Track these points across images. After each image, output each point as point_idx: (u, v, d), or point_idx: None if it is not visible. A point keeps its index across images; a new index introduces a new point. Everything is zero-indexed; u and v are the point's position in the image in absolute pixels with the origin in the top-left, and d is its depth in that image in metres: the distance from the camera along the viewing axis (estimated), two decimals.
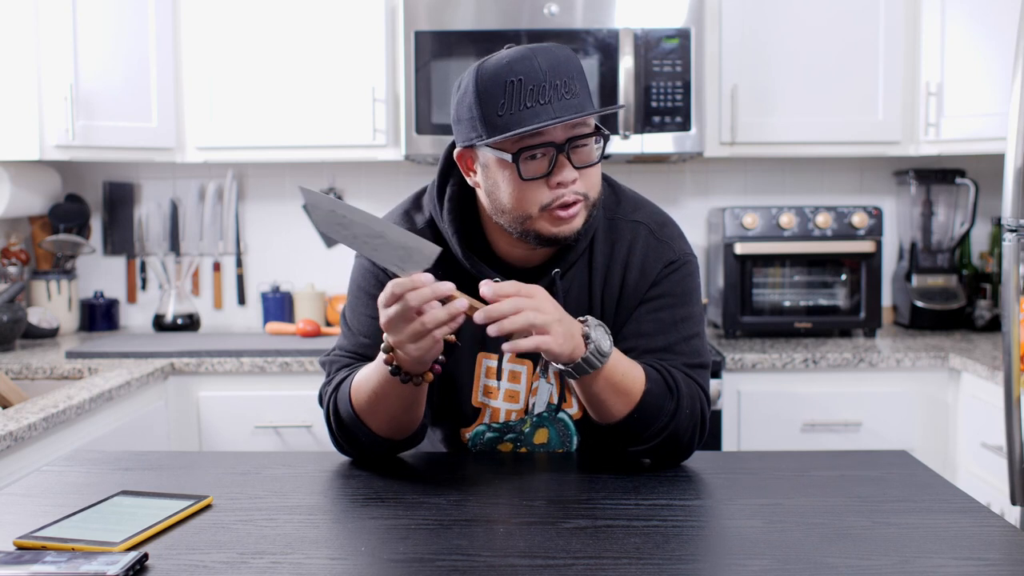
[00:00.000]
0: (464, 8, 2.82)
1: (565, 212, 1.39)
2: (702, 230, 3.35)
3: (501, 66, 1.35)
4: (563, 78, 1.35)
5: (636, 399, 1.40)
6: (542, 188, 1.38)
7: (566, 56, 1.38)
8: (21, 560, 1.06)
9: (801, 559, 1.10)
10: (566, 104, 1.34)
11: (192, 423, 2.73)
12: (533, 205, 1.39)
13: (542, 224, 1.40)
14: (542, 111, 1.33)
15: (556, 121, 1.33)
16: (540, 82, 1.34)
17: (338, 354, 1.55)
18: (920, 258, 3.19)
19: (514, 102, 1.34)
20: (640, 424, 1.42)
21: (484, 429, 1.56)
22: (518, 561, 1.09)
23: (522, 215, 1.40)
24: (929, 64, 2.95)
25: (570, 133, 1.37)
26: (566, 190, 1.38)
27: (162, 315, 3.24)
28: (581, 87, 1.38)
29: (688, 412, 1.44)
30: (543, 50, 1.37)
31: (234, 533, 1.19)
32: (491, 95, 1.35)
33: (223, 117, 2.98)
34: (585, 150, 1.39)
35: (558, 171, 1.37)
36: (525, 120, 1.33)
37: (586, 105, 1.37)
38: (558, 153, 1.36)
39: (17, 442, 1.91)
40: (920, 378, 2.74)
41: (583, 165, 1.39)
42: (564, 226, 1.40)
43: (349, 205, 1.29)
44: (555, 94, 1.34)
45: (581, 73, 1.39)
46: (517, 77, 1.34)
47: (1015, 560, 1.11)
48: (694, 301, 1.54)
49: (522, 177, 1.37)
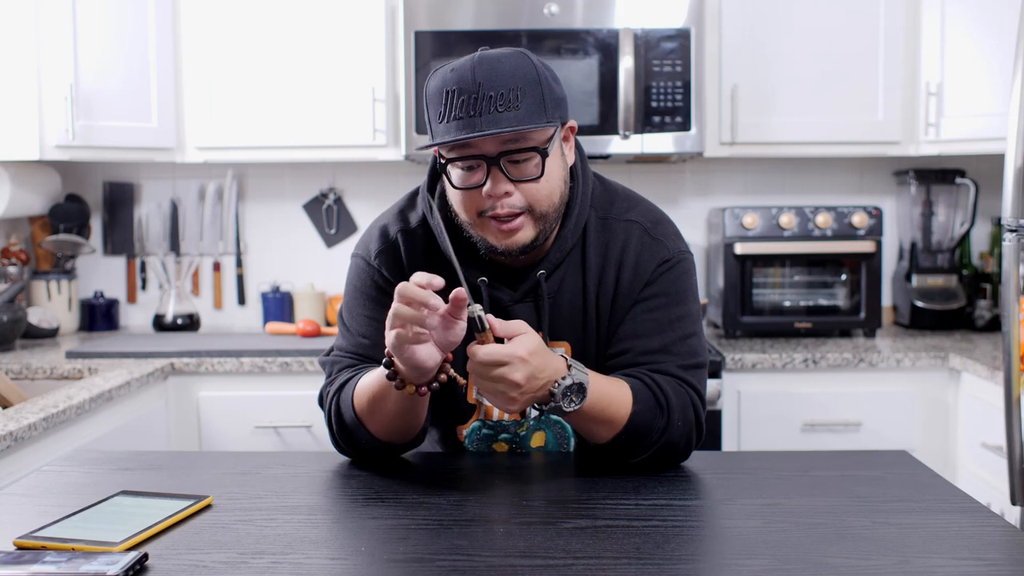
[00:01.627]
0: (464, 8, 2.82)
1: (504, 225, 1.40)
2: (702, 230, 3.35)
3: (445, 75, 1.37)
4: (500, 90, 1.34)
5: (622, 424, 1.40)
6: (477, 196, 1.40)
7: (513, 67, 1.36)
8: (21, 560, 1.06)
9: (801, 559, 1.10)
10: (495, 117, 1.34)
11: (192, 423, 2.73)
12: (472, 211, 1.41)
13: (486, 233, 1.42)
14: (470, 123, 1.34)
15: (469, 136, 1.33)
16: (472, 94, 1.34)
17: (337, 355, 1.56)
18: (920, 258, 3.19)
19: (448, 111, 1.36)
20: (630, 443, 1.42)
21: (479, 426, 1.56)
22: (518, 561, 1.09)
23: (467, 220, 1.43)
24: (929, 64, 2.95)
25: (501, 148, 1.37)
26: (498, 202, 1.38)
27: (162, 315, 3.24)
28: (527, 100, 1.36)
29: (680, 424, 1.44)
30: (489, 60, 1.36)
31: (234, 533, 1.19)
32: (432, 103, 1.38)
33: (223, 117, 2.98)
34: (524, 165, 1.39)
35: (491, 182, 1.38)
36: (453, 131, 1.35)
37: (527, 119, 1.35)
38: (490, 166, 1.37)
39: (17, 442, 1.91)
40: (920, 378, 2.74)
41: (521, 179, 1.39)
42: (507, 239, 1.41)
43: None
44: (487, 106, 1.34)
45: (533, 84, 1.37)
46: (453, 87, 1.35)
47: (1015, 560, 1.11)
48: (690, 300, 1.53)
49: (454, 186, 1.40)
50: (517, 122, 1.35)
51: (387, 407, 1.41)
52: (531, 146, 1.38)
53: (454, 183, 1.40)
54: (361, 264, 1.56)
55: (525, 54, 1.39)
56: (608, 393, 1.40)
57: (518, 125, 1.34)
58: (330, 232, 3.36)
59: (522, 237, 1.42)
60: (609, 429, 1.41)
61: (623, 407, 1.40)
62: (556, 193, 1.44)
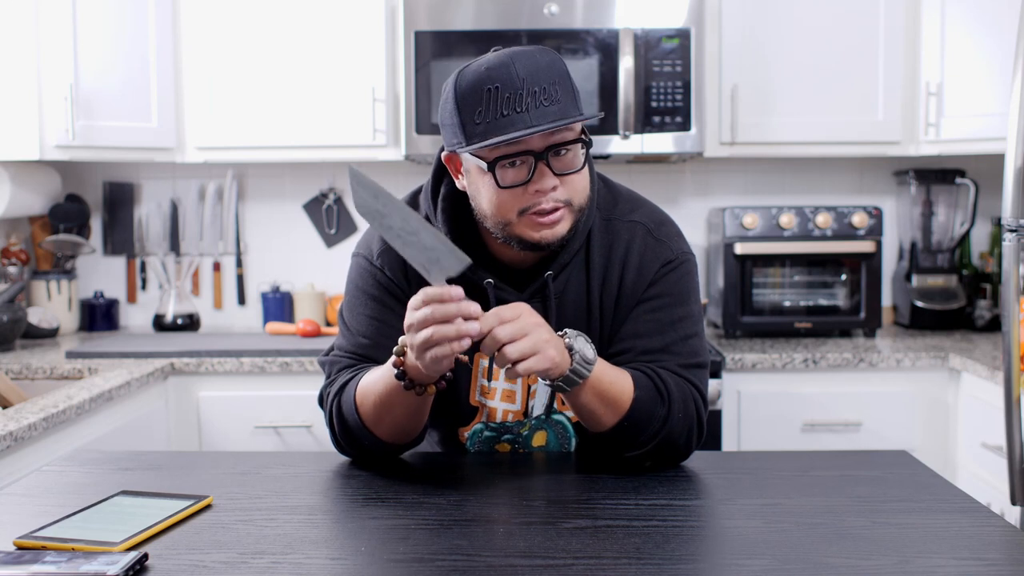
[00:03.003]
0: (464, 8, 2.82)
1: (545, 218, 1.39)
2: (702, 230, 3.35)
3: (479, 73, 1.35)
4: (543, 84, 1.34)
5: (625, 408, 1.40)
6: (521, 194, 1.38)
7: (548, 62, 1.36)
8: (21, 560, 1.06)
9: (801, 559, 1.10)
10: (543, 112, 1.33)
11: (192, 423, 2.73)
12: (511, 211, 1.39)
13: (523, 229, 1.40)
14: (518, 119, 1.33)
15: (527, 132, 1.32)
16: (517, 90, 1.33)
17: (338, 354, 1.55)
18: (920, 258, 3.19)
19: (490, 110, 1.33)
20: (632, 431, 1.42)
21: (482, 428, 1.56)
22: (518, 561, 1.09)
23: (502, 220, 1.41)
24: (929, 64, 2.95)
25: (549, 141, 1.36)
26: (544, 197, 1.38)
27: (162, 315, 3.24)
28: (563, 92, 1.36)
29: (681, 416, 1.44)
30: (523, 55, 1.35)
31: (234, 533, 1.19)
32: (468, 103, 1.35)
33: (223, 117, 2.98)
34: (567, 157, 1.38)
35: (537, 179, 1.37)
36: (501, 128, 1.33)
37: (567, 112, 1.35)
38: (537, 161, 1.36)
39: (17, 442, 1.91)
40: (920, 378, 2.74)
41: (565, 172, 1.38)
42: (546, 231, 1.40)
43: (392, 196, 1.28)
44: (532, 101, 1.33)
45: (565, 77, 1.37)
46: (494, 84, 1.33)
47: (1015, 560, 1.11)
48: (692, 300, 1.53)
49: (500, 185, 1.37)
50: (562, 114, 1.34)
51: (392, 407, 1.41)
52: (575, 138, 1.38)
53: (500, 183, 1.37)
54: (363, 263, 1.56)
55: (548, 49, 1.39)
56: (610, 373, 1.40)
57: (563, 117, 1.34)
58: (330, 232, 3.36)
59: (560, 229, 1.41)
60: (615, 412, 1.40)
61: (626, 391, 1.41)
62: (589, 186, 1.45)
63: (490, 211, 1.41)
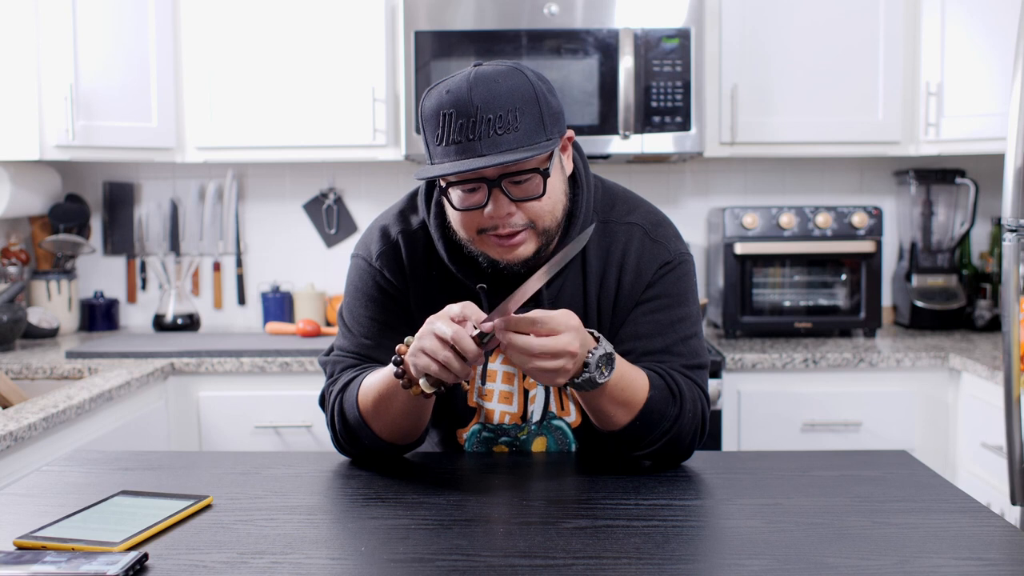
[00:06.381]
0: (464, 8, 2.82)
1: (505, 242, 1.39)
2: (702, 230, 3.35)
3: (440, 96, 1.34)
4: (500, 112, 1.32)
5: (639, 407, 1.41)
6: (479, 215, 1.38)
7: (511, 87, 1.33)
8: (21, 560, 1.06)
9: (801, 559, 1.10)
10: (495, 141, 1.31)
11: (192, 423, 2.73)
12: (471, 230, 1.40)
13: (486, 247, 1.41)
14: (469, 147, 1.32)
15: (470, 168, 1.30)
16: (470, 117, 1.32)
17: (339, 355, 1.55)
18: (920, 258, 3.19)
19: (446, 135, 1.33)
20: (643, 430, 1.42)
21: (479, 429, 1.56)
22: (518, 561, 1.09)
23: (466, 237, 1.42)
24: (929, 64, 2.95)
25: (504, 170, 1.35)
26: (501, 222, 1.37)
27: (162, 315, 3.24)
28: (526, 119, 1.33)
29: (690, 416, 1.44)
30: (485, 80, 1.33)
31: (234, 533, 1.19)
32: (429, 125, 1.36)
33: (223, 117, 2.98)
34: (526, 184, 1.37)
35: (492, 204, 1.36)
36: (451, 155, 1.33)
37: (527, 140, 1.33)
38: (491, 188, 1.35)
39: (17, 442, 1.91)
40: (920, 378, 2.74)
41: (523, 199, 1.37)
42: (507, 254, 1.40)
43: None
44: (487, 129, 1.31)
45: (531, 103, 1.34)
46: (449, 111, 1.33)
47: (1015, 560, 1.11)
48: (691, 301, 1.53)
49: (456, 208, 1.39)
50: (517, 144, 1.32)
51: (394, 407, 1.41)
52: (532, 168, 1.36)
53: (455, 205, 1.38)
54: (362, 265, 1.56)
55: (520, 70, 1.36)
56: (628, 373, 1.40)
57: (517, 147, 1.32)
58: (330, 232, 3.36)
59: (523, 252, 1.41)
60: (627, 412, 1.41)
61: (641, 390, 1.41)
62: (558, 207, 1.43)
63: (455, 227, 1.43)
